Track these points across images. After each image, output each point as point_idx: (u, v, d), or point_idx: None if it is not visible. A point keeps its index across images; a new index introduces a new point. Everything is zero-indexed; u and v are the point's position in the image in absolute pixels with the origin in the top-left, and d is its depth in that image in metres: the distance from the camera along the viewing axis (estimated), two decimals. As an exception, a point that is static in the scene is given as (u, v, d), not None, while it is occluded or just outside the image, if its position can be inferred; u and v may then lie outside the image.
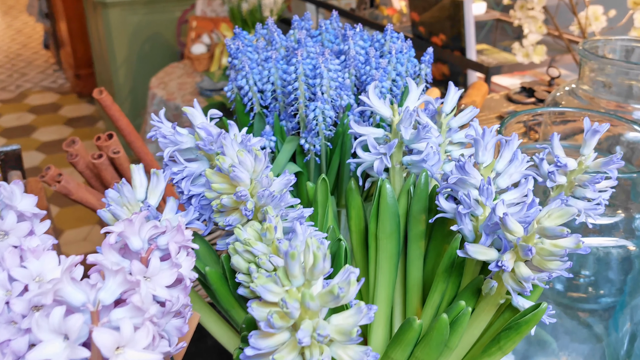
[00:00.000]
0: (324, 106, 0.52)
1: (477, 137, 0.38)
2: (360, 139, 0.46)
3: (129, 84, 2.90)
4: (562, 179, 0.43)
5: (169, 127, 0.40)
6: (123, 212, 0.37)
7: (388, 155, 0.43)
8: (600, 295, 0.60)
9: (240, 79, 0.56)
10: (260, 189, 0.36)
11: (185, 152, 0.41)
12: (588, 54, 0.69)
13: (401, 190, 0.45)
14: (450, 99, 0.48)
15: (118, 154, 0.60)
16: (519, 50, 1.39)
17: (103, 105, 0.70)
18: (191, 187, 0.40)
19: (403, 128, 0.43)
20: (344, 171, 0.56)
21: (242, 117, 0.59)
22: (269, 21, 0.59)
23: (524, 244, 0.33)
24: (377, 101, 0.45)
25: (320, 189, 0.46)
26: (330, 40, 0.61)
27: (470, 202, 0.37)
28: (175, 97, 1.96)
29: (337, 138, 0.55)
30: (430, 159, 0.44)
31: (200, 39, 2.27)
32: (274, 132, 0.57)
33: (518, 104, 0.97)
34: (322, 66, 0.51)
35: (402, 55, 0.56)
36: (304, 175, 0.57)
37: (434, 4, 1.83)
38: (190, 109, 0.41)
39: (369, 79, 0.54)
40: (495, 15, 2.24)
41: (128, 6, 2.76)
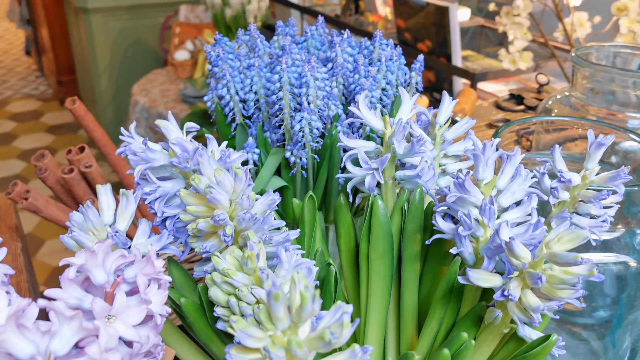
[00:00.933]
0: (310, 117, 0.49)
1: (477, 152, 0.35)
2: (350, 153, 0.42)
3: (112, 91, 2.85)
4: (565, 195, 0.40)
5: (139, 142, 0.37)
6: (88, 238, 0.33)
7: (380, 170, 0.40)
8: (594, 309, 0.58)
9: (221, 88, 0.53)
10: (241, 211, 0.33)
11: (159, 170, 0.38)
12: (581, 61, 0.66)
13: (394, 208, 0.42)
14: (445, 110, 0.45)
15: (90, 168, 0.56)
16: (505, 57, 1.37)
17: (76, 115, 0.66)
18: (165, 208, 0.37)
19: (396, 141, 0.39)
20: (332, 185, 0.53)
21: (223, 129, 0.55)
22: (251, 27, 0.56)
23: (532, 271, 0.30)
24: (368, 112, 0.42)
25: (308, 206, 0.42)
26: (316, 47, 0.58)
27: (470, 222, 0.34)
28: (158, 104, 1.92)
29: (325, 150, 0.52)
30: (425, 174, 0.40)
31: (183, 45, 2.23)
32: (257, 144, 0.53)
33: (507, 112, 0.95)
34: (308, 74, 0.48)
35: (392, 63, 0.53)
36: (289, 189, 0.54)
37: (419, 10, 1.81)
38: (165, 123, 0.38)
39: (358, 88, 0.50)
40: (480, 21, 2.23)
41: (110, 12, 2.71)
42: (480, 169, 0.35)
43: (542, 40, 1.58)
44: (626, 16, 1.30)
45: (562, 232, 0.30)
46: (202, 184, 0.32)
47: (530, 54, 1.35)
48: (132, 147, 0.36)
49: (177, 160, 0.35)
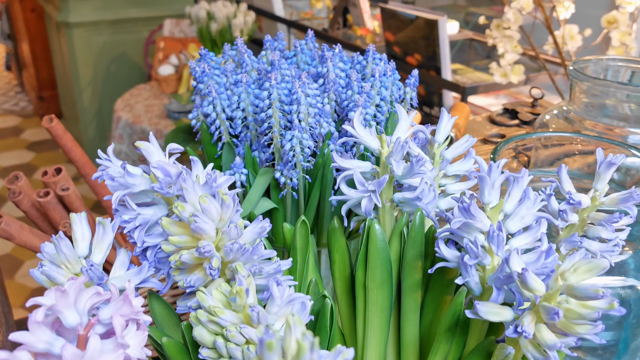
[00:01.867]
0: (301, 135, 0.46)
1: (483, 173, 0.33)
2: (344, 174, 0.40)
3: (94, 107, 2.81)
4: (574, 218, 0.38)
5: (118, 166, 0.34)
6: (60, 273, 0.30)
7: (377, 192, 0.38)
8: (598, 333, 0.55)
9: (207, 105, 0.50)
10: (228, 241, 0.30)
11: (139, 195, 0.35)
12: (579, 75, 0.65)
13: (392, 232, 0.40)
14: (444, 127, 0.43)
15: (67, 190, 0.53)
16: (496, 70, 1.36)
17: (53, 134, 0.63)
18: (146, 237, 0.34)
19: (394, 162, 0.37)
20: (325, 207, 0.50)
21: (209, 148, 0.53)
22: (238, 41, 0.54)
23: (548, 305, 0.27)
24: (363, 131, 0.39)
25: (300, 232, 0.39)
26: (306, 62, 0.55)
27: (477, 250, 0.32)
28: (142, 120, 1.88)
29: (317, 170, 0.49)
30: (425, 196, 0.38)
31: (168, 59, 2.20)
32: (245, 164, 0.51)
33: (502, 126, 0.93)
34: (299, 91, 0.46)
35: (387, 79, 0.51)
36: (279, 212, 0.51)
37: (409, 23, 1.80)
38: (145, 144, 0.35)
39: (352, 104, 0.48)
40: (468, 34, 2.24)
41: (93, 26, 2.67)
42: (486, 192, 0.33)
43: (532, 53, 1.58)
44: (616, 29, 1.30)
45: (578, 262, 0.28)
46: (185, 212, 0.30)
47: (521, 67, 1.34)
48: (110, 171, 0.33)
49: (158, 185, 0.32)
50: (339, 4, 2.35)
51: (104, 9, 2.68)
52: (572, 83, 0.67)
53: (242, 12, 2.02)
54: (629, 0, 1.28)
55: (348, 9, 2.36)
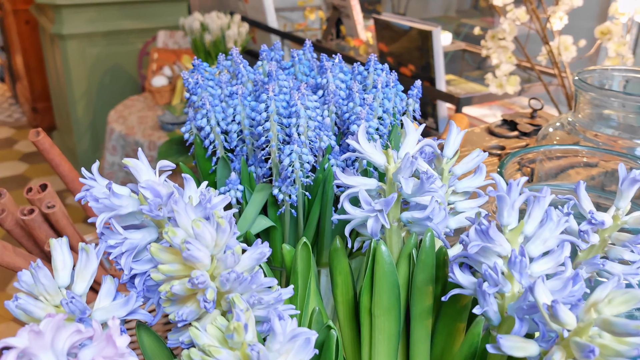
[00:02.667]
0: (301, 150, 0.43)
1: (502, 193, 0.30)
2: (348, 192, 0.37)
3: (88, 118, 2.78)
4: (595, 238, 0.35)
5: (103, 185, 0.31)
6: (38, 306, 0.27)
7: (385, 212, 0.35)
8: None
9: (200, 118, 0.47)
10: (224, 270, 0.27)
11: (127, 217, 0.32)
12: (585, 85, 0.63)
13: (400, 255, 0.37)
14: (452, 141, 0.40)
15: (53, 208, 0.50)
16: (492, 81, 1.34)
17: (40, 149, 0.60)
18: (134, 264, 0.31)
19: (403, 179, 0.34)
20: (325, 224, 0.48)
21: (202, 163, 0.50)
22: (233, 51, 0.51)
23: (582, 342, 0.24)
24: (368, 146, 0.37)
25: (301, 255, 0.37)
26: (304, 73, 0.53)
27: (498, 277, 0.29)
28: (135, 131, 1.85)
29: (317, 186, 0.46)
30: (435, 215, 0.35)
31: (161, 71, 2.18)
32: (241, 179, 0.48)
33: (501, 138, 0.90)
34: (299, 103, 0.43)
35: (389, 90, 0.48)
36: (277, 230, 0.48)
37: (403, 34, 1.79)
38: (134, 162, 0.32)
39: (353, 117, 0.45)
40: (461, 45, 2.23)
41: (87, 38, 2.65)
42: (505, 213, 0.30)
43: (526, 64, 1.56)
44: (610, 40, 1.29)
45: (612, 292, 0.25)
46: (177, 239, 0.27)
47: (517, 78, 1.32)
48: (95, 191, 0.31)
49: (147, 207, 0.30)
50: (332, 15, 2.34)
51: (98, 21, 2.65)
52: (577, 94, 0.65)
53: (236, 24, 2.00)
54: (622, 11, 1.27)
55: (341, 20, 2.35)
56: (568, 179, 0.65)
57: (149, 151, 1.81)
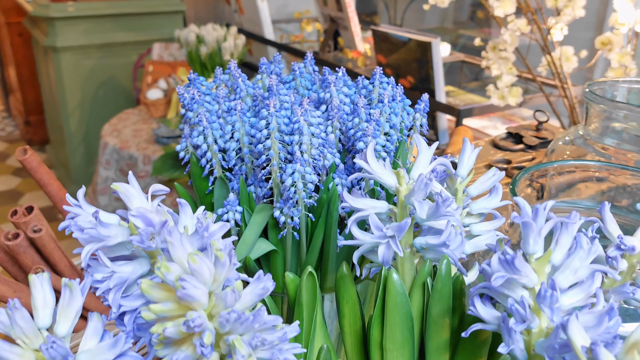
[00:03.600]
0: (304, 169, 0.41)
1: (527, 219, 0.28)
2: (356, 216, 0.34)
3: (82, 131, 2.75)
4: (624, 265, 0.33)
5: (89, 213, 0.28)
6: (14, 352, 0.24)
7: (398, 238, 0.32)
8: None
9: (197, 135, 0.45)
10: (224, 309, 0.24)
11: (116, 248, 0.29)
12: (596, 97, 0.60)
13: (414, 284, 0.34)
14: (467, 159, 0.38)
15: (39, 232, 0.47)
16: (494, 92, 1.32)
17: (28, 167, 0.57)
18: (123, 300, 0.28)
19: (417, 202, 0.32)
20: (329, 248, 0.45)
21: (199, 183, 0.47)
22: (231, 64, 0.48)
23: (628, 391, 0.22)
24: (378, 166, 0.34)
25: (307, 286, 0.34)
26: (306, 87, 0.50)
27: (525, 313, 0.26)
28: (130, 145, 1.82)
29: (321, 207, 0.44)
30: (452, 241, 0.33)
31: (156, 83, 2.15)
32: (239, 200, 0.45)
33: (506, 151, 0.88)
34: (301, 119, 0.41)
35: (396, 104, 0.46)
36: (278, 254, 0.46)
37: (401, 46, 1.77)
38: (124, 187, 0.30)
39: (359, 133, 0.43)
40: (459, 57, 2.21)
41: (81, 50, 2.62)
42: (531, 240, 0.28)
43: (528, 76, 1.55)
44: (611, 50, 1.27)
45: (659, 332, 0.22)
46: (171, 275, 0.24)
47: (519, 90, 1.30)
48: (80, 220, 0.28)
49: (138, 238, 0.27)
50: (329, 27, 2.33)
51: (92, 33, 2.63)
52: (588, 106, 0.63)
53: (232, 36, 1.98)
54: (622, 21, 1.25)
55: (339, 32, 2.33)
56: (577, 193, 0.62)
57: (144, 165, 1.78)
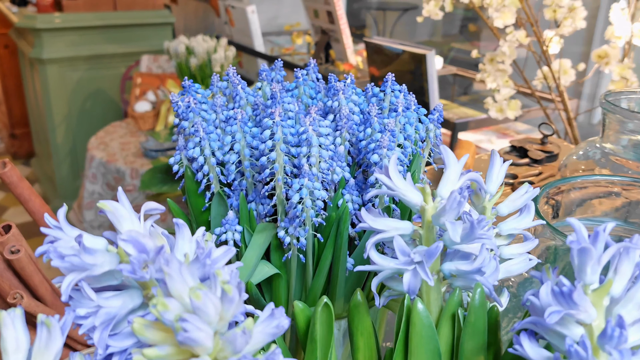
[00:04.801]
0: (312, 184, 0.37)
1: (585, 244, 0.24)
2: (377, 238, 0.30)
3: (68, 144, 2.69)
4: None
5: (71, 237, 0.24)
6: (-25, 410, 0.20)
7: (427, 265, 0.28)
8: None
9: (192, 147, 0.40)
10: (233, 354, 0.20)
11: (103, 277, 0.25)
12: (616, 109, 0.57)
13: (442, 315, 0.30)
14: (496, 174, 0.34)
15: (17, 253, 0.43)
16: (492, 106, 1.30)
17: (7, 182, 0.52)
18: (111, 339, 0.24)
19: (449, 224, 0.28)
20: (339, 271, 0.41)
21: (194, 199, 0.43)
22: (229, 70, 0.45)
23: None
24: (402, 182, 0.30)
25: (322, 319, 0.30)
26: (310, 96, 0.46)
27: (587, 355, 0.22)
28: (117, 158, 1.77)
29: (329, 227, 0.40)
30: (487, 267, 0.29)
31: (145, 96, 2.11)
32: (239, 219, 0.41)
33: (511, 165, 0.85)
34: (310, 129, 0.37)
35: (411, 113, 0.42)
36: (281, 279, 0.41)
37: (395, 58, 1.74)
38: (112, 205, 0.25)
39: (372, 145, 0.39)
40: (452, 70, 2.20)
41: (68, 62, 2.57)
42: (589, 269, 0.24)
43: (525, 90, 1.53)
44: (607, 64, 1.25)
45: None
46: (169, 314, 0.20)
47: (518, 103, 1.28)
48: (60, 246, 0.24)
49: (129, 268, 0.23)
50: (321, 39, 2.30)
51: (79, 45, 2.59)
52: (605, 118, 0.60)
53: (223, 47, 1.95)
54: (619, 34, 1.24)
55: (330, 44, 2.31)
56: (592, 210, 0.59)
57: (131, 179, 1.73)
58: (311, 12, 2.27)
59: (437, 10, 1.33)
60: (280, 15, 2.94)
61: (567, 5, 1.12)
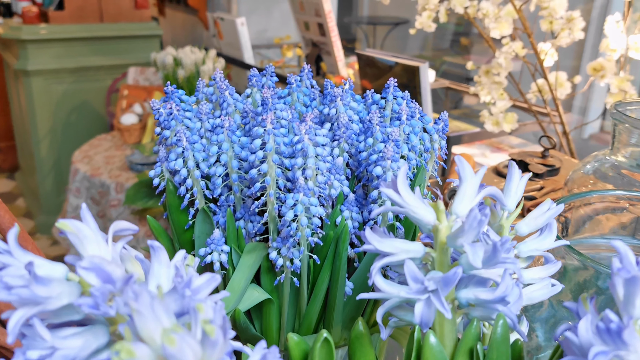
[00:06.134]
0: (308, 200, 0.33)
1: (635, 272, 0.20)
2: (383, 262, 0.27)
3: (53, 158, 2.63)
4: None
5: (22, 264, 0.20)
6: None
7: (443, 294, 0.24)
8: None
9: (175, 158, 0.37)
10: (217, 413, 0.16)
11: (62, 311, 0.21)
12: (629, 119, 0.54)
13: (457, 350, 0.26)
14: (514, 190, 0.30)
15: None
16: (488, 119, 1.27)
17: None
18: (68, 389, 0.19)
19: (469, 247, 0.24)
20: (336, 295, 0.37)
21: (176, 216, 0.39)
22: (216, 74, 0.41)
23: None
24: (412, 197, 0.26)
25: (321, 355, 0.26)
26: (304, 103, 0.43)
27: (644, 408, 0.19)
28: (101, 172, 1.73)
29: (327, 247, 0.36)
30: (510, 295, 0.25)
31: (131, 108, 2.06)
32: (226, 238, 0.37)
33: (512, 179, 0.82)
34: (306, 138, 0.33)
35: (416, 122, 0.38)
36: (273, 304, 0.37)
37: (387, 70, 1.72)
38: (75, 226, 0.22)
39: (375, 156, 0.35)
40: (444, 83, 2.18)
41: (53, 74, 2.52)
42: (638, 301, 0.20)
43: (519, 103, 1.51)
44: (603, 77, 1.24)
45: None
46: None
47: (514, 116, 1.25)
48: (7, 275, 0.20)
49: (91, 302, 0.19)
50: (312, 52, 2.27)
51: (65, 57, 2.54)
52: (615, 129, 0.57)
53: (211, 59, 1.91)
54: (613, 47, 1.22)
55: (321, 57, 2.28)
56: (600, 227, 0.55)
57: (116, 194, 1.68)
58: (302, 24, 2.24)
59: (430, 22, 1.30)
60: (270, 28, 2.92)
61: (565, 17, 1.10)
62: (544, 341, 0.40)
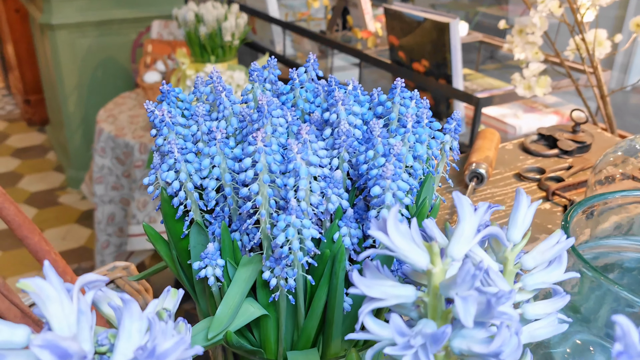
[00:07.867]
0: (301, 222, 0.31)
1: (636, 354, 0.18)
2: (372, 306, 0.25)
3: (80, 113, 2.65)
4: None
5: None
6: None
7: (431, 352, 0.23)
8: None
9: (166, 170, 0.35)
10: None
11: (22, 378, 0.20)
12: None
13: (450, 402, 0.25)
14: (521, 220, 0.28)
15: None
16: (519, 82, 1.21)
17: (-24, 190, 0.48)
18: None
19: (459, 299, 0.22)
20: (334, 311, 0.36)
21: (172, 224, 0.38)
22: (213, 74, 0.39)
23: None
24: (403, 241, 0.24)
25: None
26: (307, 100, 0.40)
27: None
28: (126, 132, 1.73)
29: (323, 265, 0.34)
30: (507, 347, 0.23)
31: (154, 65, 2.05)
32: (221, 251, 0.36)
33: (538, 157, 0.78)
34: (298, 158, 0.31)
35: (423, 130, 0.36)
36: (270, 319, 0.36)
37: (416, 26, 1.65)
38: (37, 285, 0.20)
39: (375, 171, 0.33)
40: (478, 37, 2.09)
41: (77, 28, 2.51)
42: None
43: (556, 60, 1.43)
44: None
45: None
46: None
47: (548, 79, 1.19)
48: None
49: (39, 388, 0.17)
50: (338, 4, 2.20)
51: (89, 10, 2.52)
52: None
53: (234, 14, 1.86)
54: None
55: (348, 9, 2.21)
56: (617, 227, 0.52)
57: (140, 154, 1.68)
58: (327, -25, 2.16)
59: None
60: (296, -22, 2.83)
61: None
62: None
